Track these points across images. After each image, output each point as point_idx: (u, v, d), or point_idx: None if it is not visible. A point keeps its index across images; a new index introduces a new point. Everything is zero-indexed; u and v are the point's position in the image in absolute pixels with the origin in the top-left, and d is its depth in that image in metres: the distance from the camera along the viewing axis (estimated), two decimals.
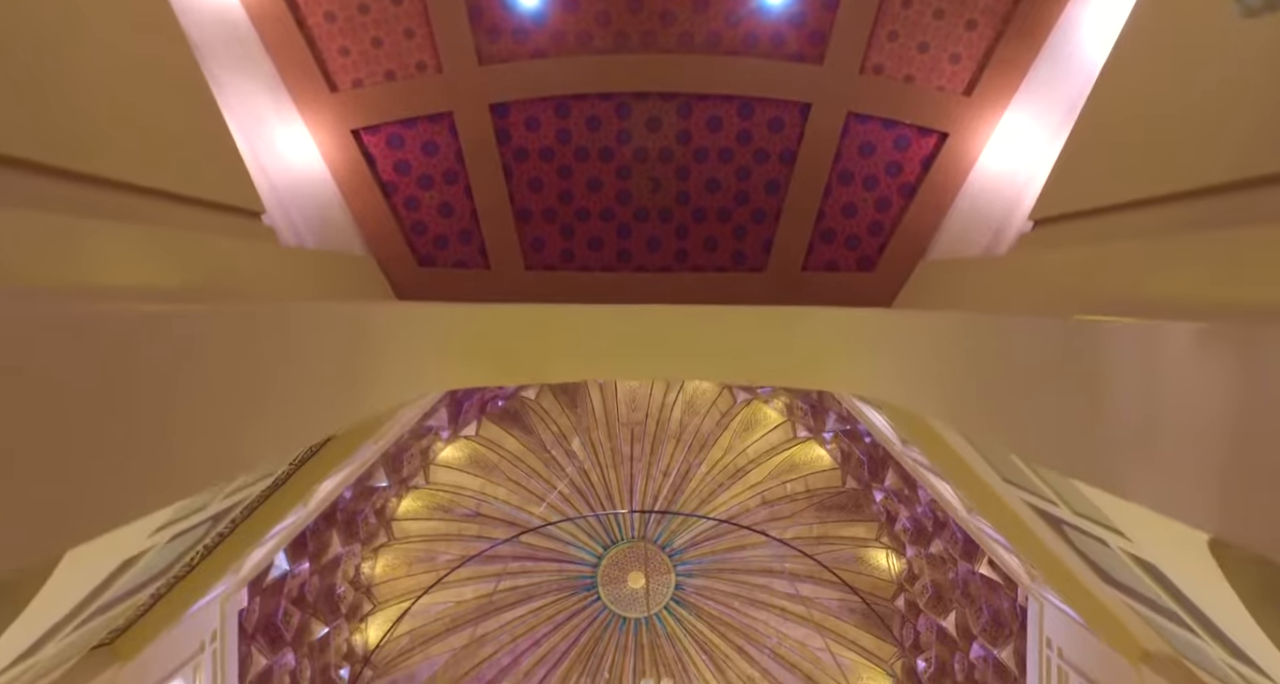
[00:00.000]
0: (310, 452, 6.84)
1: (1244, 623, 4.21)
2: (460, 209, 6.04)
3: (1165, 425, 1.95)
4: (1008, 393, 2.85)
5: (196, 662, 8.34)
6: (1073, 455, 2.30)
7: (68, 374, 1.68)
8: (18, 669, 4.78)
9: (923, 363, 3.78)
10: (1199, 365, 1.86)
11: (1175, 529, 3.78)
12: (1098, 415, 2.22)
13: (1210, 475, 1.76)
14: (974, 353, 3.18)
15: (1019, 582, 9.19)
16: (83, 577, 4.12)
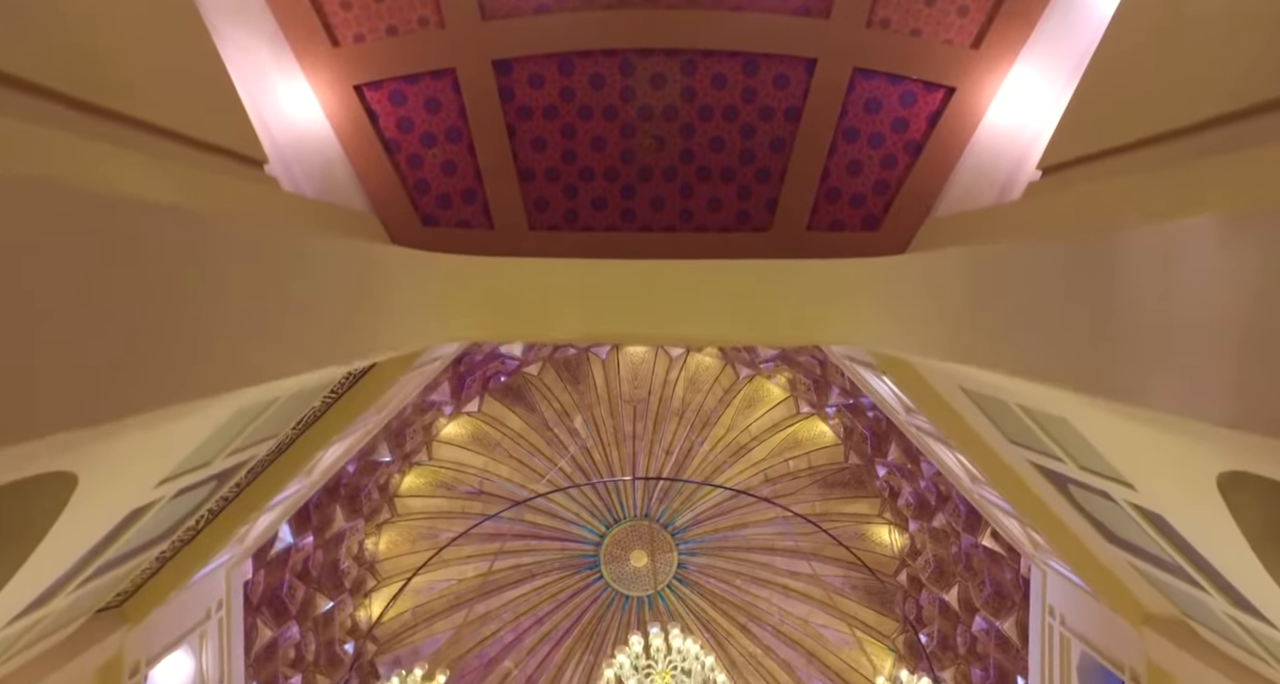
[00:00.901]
0: (314, 415, 6.84)
1: (1248, 566, 4.21)
2: (463, 167, 6.00)
3: (1181, 325, 1.93)
4: (1017, 320, 2.83)
5: (203, 629, 8.38)
6: (1086, 371, 2.28)
7: (79, 257, 1.67)
8: (28, 620, 4.79)
9: (929, 304, 3.77)
10: (1215, 259, 1.84)
11: (1182, 470, 3.78)
12: (1110, 327, 2.21)
13: (1230, 367, 1.74)
14: (980, 285, 3.16)
15: (1022, 551, 9.20)
16: (91, 523, 4.12)
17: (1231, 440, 2.61)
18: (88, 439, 2.81)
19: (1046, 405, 4.66)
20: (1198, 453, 3.37)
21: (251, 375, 2.21)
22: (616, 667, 4.63)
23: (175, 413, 2.60)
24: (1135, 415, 3.19)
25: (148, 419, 2.18)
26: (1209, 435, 2.92)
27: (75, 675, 6.29)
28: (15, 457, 2.09)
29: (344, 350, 2.99)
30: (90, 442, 3.10)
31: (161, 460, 4.19)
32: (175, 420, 3.13)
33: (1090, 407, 3.39)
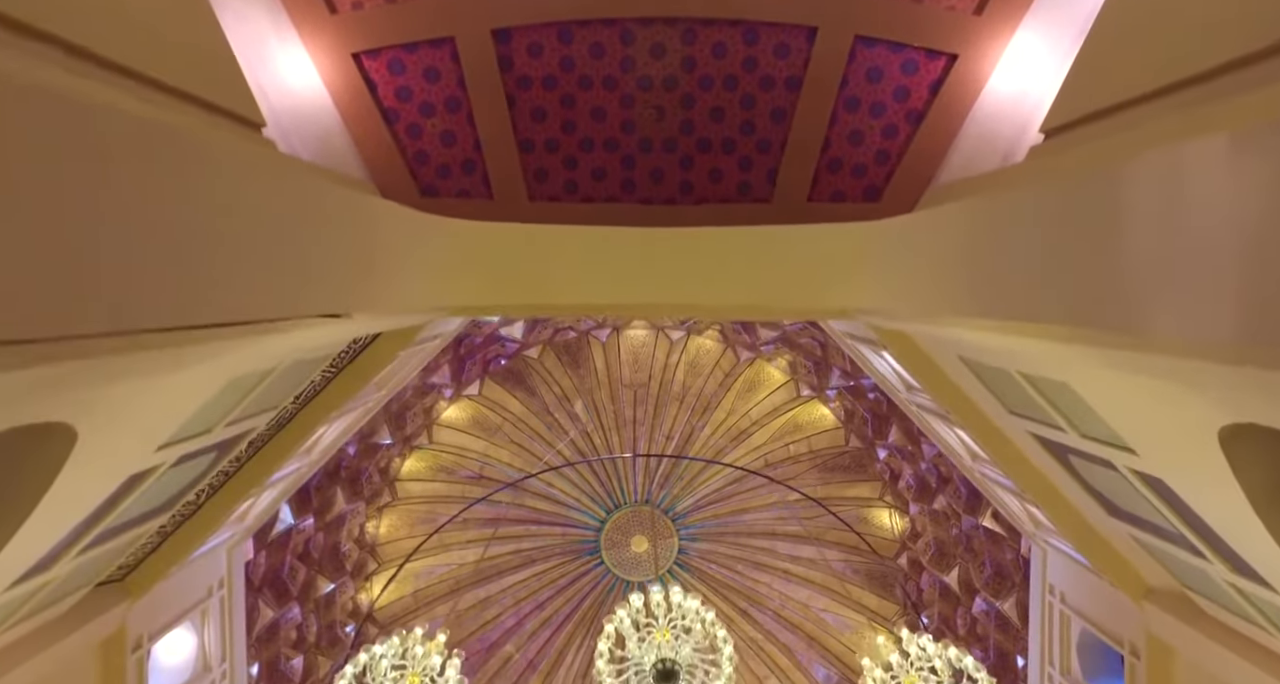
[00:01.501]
0: (313, 390, 6.83)
1: (1249, 527, 4.20)
2: (463, 138, 5.97)
3: (1184, 250, 1.91)
4: (1019, 267, 2.82)
5: (204, 607, 8.40)
6: (1093, 307, 2.27)
7: (68, 165, 1.65)
8: (31, 585, 4.80)
9: (931, 261, 3.75)
10: (1218, 177, 1.82)
11: (1183, 427, 3.76)
12: (1112, 262, 2.19)
13: (1234, 285, 1.72)
14: (980, 236, 3.15)
15: (1022, 530, 9.21)
16: (91, 485, 4.11)
17: (1233, 380, 2.60)
18: (83, 382, 2.80)
19: (1047, 370, 4.65)
20: (1200, 407, 3.36)
21: (242, 310, 2.19)
22: (617, 621, 4.63)
23: (164, 354, 2.58)
24: (1139, 365, 3.18)
25: (131, 355, 2.16)
26: (1212, 381, 2.91)
27: (78, 648, 6.31)
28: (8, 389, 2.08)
29: (338, 298, 2.97)
30: (87, 389, 3.09)
31: (160, 423, 4.18)
32: (169, 371, 3.12)
33: (1093, 361, 3.38)
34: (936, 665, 4.46)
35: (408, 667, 4.70)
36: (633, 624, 4.47)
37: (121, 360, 2.45)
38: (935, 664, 4.48)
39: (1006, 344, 4.19)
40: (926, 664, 4.56)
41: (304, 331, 3.68)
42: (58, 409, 3.05)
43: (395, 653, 4.76)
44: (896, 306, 4.00)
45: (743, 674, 15.86)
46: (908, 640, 4.68)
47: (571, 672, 16.31)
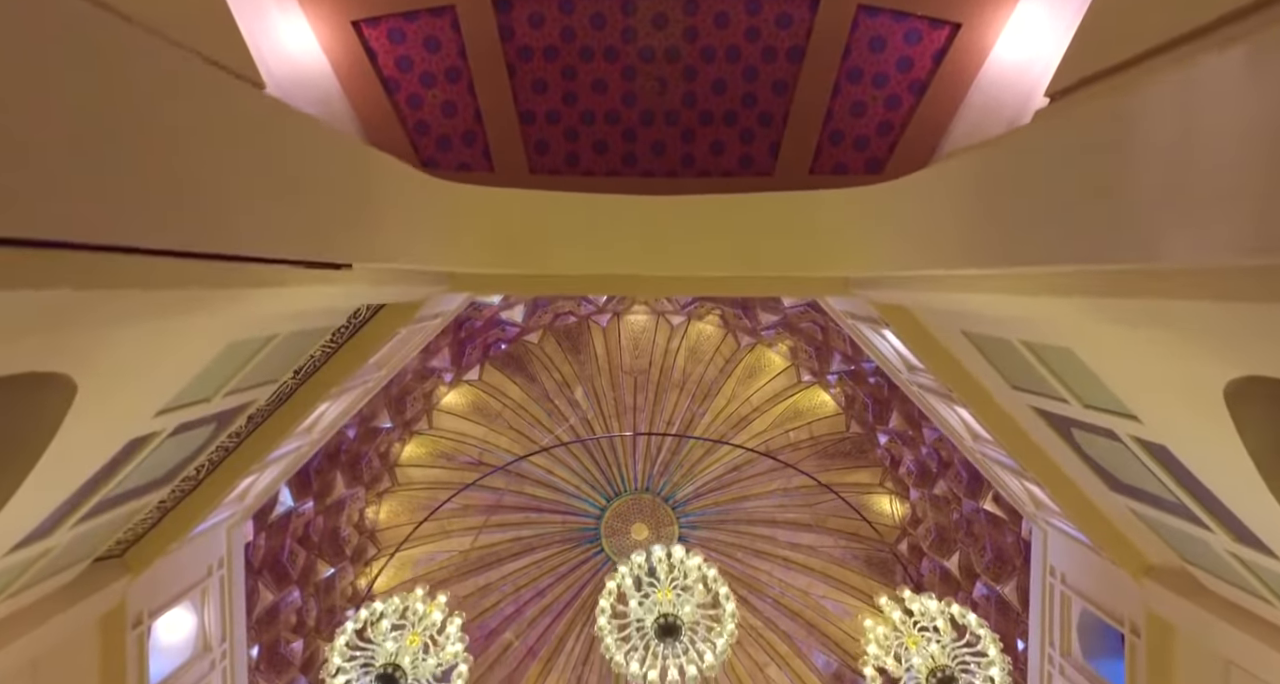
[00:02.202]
0: (313, 365, 6.82)
1: (1252, 489, 4.18)
2: (463, 109, 5.95)
3: (1197, 168, 1.89)
4: (1026, 209, 2.80)
5: (204, 586, 8.39)
6: (1102, 241, 2.25)
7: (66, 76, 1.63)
8: (31, 552, 4.78)
9: (934, 218, 3.73)
10: (1234, 90, 1.80)
11: (1188, 385, 3.75)
12: (1124, 189, 2.17)
13: (1250, 193, 1.70)
14: (983, 186, 3.13)
15: (1023, 512, 9.20)
16: (91, 445, 4.10)
17: (1242, 318, 2.58)
18: (83, 321, 2.78)
19: (1050, 335, 4.63)
20: (1206, 361, 3.34)
21: (242, 241, 2.17)
22: (619, 578, 4.62)
23: (165, 296, 2.56)
24: (1143, 315, 3.16)
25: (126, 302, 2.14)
26: (1220, 325, 2.89)
27: (78, 621, 6.30)
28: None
29: (340, 244, 2.95)
30: (86, 334, 3.07)
31: (160, 384, 4.16)
32: (169, 318, 3.10)
33: (1096, 315, 3.36)
34: (939, 625, 4.45)
35: (408, 626, 4.68)
36: (634, 583, 4.47)
37: (120, 297, 2.43)
38: (938, 623, 4.47)
39: (1009, 307, 4.17)
40: (930, 622, 4.55)
41: (305, 288, 3.66)
42: (57, 357, 3.03)
43: (396, 611, 4.76)
44: (901, 266, 3.97)
45: (742, 661, 15.89)
46: (909, 599, 4.67)
47: (571, 659, 16.32)
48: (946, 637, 4.46)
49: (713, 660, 4.58)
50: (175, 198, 1.97)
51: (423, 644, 4.62)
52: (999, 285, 3.92)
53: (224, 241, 2.12)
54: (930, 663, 4.39)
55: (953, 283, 4.50)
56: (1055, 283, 3.44)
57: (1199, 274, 2.53)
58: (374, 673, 4.56)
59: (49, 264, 1.98)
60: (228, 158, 2.26)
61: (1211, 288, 2.47)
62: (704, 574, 4.54)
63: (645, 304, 12.75)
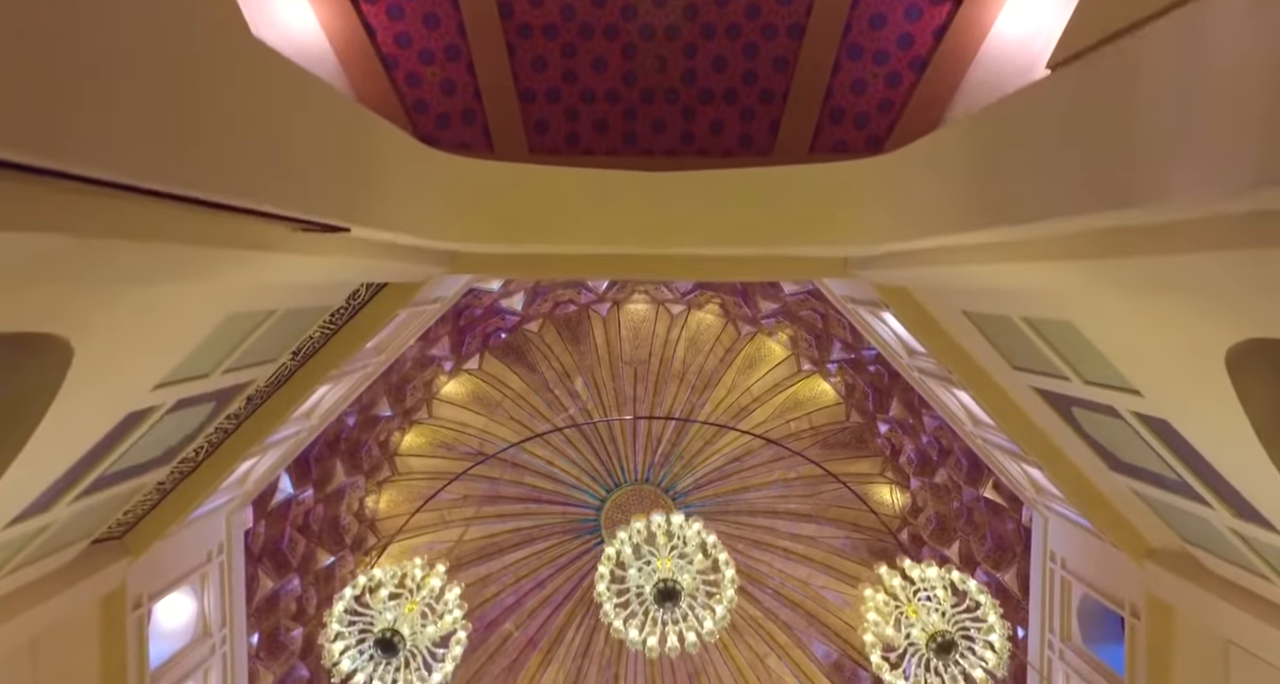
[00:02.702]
0: (313, 347, 6.80)
1: (1254, 461, 4.18)
2: (463, 87, 5.93)
3: (1202, 106, 1.88)
4: (1028, 165, 2.78)
5: (204, 571, 8.39)
6: (1108, 187, 2.24)
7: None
8: (30, 526, 4.77)
9: (935, 184, 3.72)
10: (1237, 27, 1.79)
11: (1190, 353, 3.73)
12: (1130, 132, 2.16)
13: (1253, 124, 1.69)
14: (984, 145, 3.11)
15: (1023, 497, 9.19)
16: (90, 414, 4.08)
17: (1246, 268, 2.56)
18: (80, 285, 2.77)
19: (1050, 308, 4.61)
20: (1207, 325, 3.32)
21: (237, 188, 2.15)
22: (618, 544, 4.62)
23: (164, 251, 2.55)
24: (1145, 277, 3.14)
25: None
26: (1224, 278, 2.87)
27: (78, 601, 6.30)
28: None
29: (335, 204, 2.93)
30: (82, 299, 3.06)
31: (159, 354, 4.15)
32: (165, 279, 3.09)
33: (1098, 279, 3.34)
34: (939, 594, 4.45)
35: (405, 595, 4.67)
36: (633, 551, 4.46)
37: (118, 252, 2.42)
38: (938, 593, 4.47)
39: (1010, 277, 4.15)
40: (930, 589, 4.55)
41: (304, 255, 3.65)
42: (55, 319, 3.02)
43: (394, 578, 4.76)
44: (902, 236, 3.95)
45: (742, 652, 15.90)
46: (909, 568, 4.67)
47: (571, 650, 16.32)
48: (946, 604, 4.46)
49: (712, 627, 4.57)
50: (176, 137, 1.95)
51: (421, 612, 4.61)
52: (999, 254, 3.90)
53: (223, 187, 2.10)
54: (930, 629, 4.38)
55: (953, 255, 4.49)
56: (1055, 247, 3.43)
57: (1199, 226, 2.52)
58: (373, 638, 4.55)
59: (45, 207, 1.97)
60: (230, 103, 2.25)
61: (1212, 238, 2.46)
62: (703, 540, 4.54)
63: (645, 293, 12.74)
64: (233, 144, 2.19)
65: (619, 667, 16.38)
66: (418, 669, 4.60)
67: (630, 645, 4.68)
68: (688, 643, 4.56)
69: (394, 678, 4.55)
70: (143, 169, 1.79)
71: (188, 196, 2.07)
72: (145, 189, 1.87)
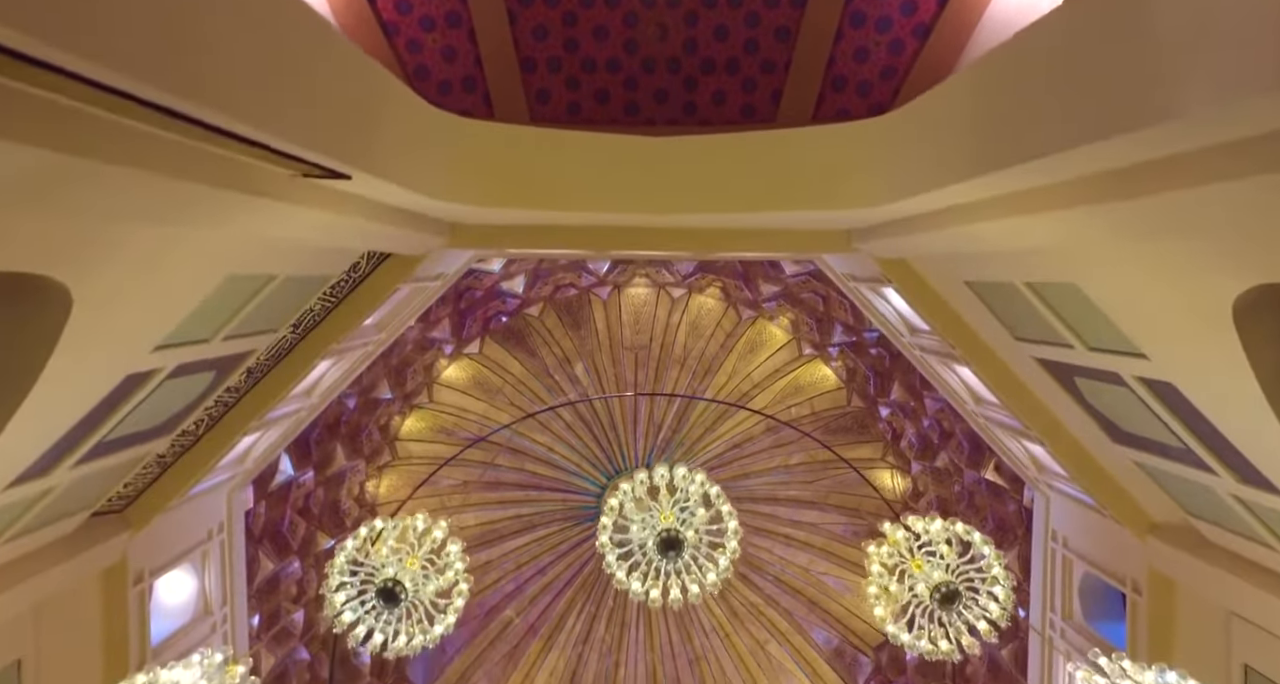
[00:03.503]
0: (313, 320, 6.78)
1: (1259, 419, 4.16)
2: (464, 54, 5.90)
3: (1218, 13, 1.85)
4: (1035, 100, 2.76)
5: (205, 549, 8.39)
6: (1120, 108, 2.21)
7: None
8: (32, 489, 4.75)
9: (938, 135, 3.69)
10: None
11: (1196, 308, 3.71)
12: (1141, 50, 2.13)
13: (1268, 27, 1.67)
14: (991, 87, 3.09)
15: (1025, 477, 9.18)
16: (90, 371, 4.07)
17: (1252, 207, 2.54)
18: (77, 220, 2.75)
19: (1054, 269, 4.58)
20: (1214, 272, 3.30)
21: (236, 108, 2.13)
22: (620, 494, 4.61)
23: (162, 186, 2.53)
24: (1151, 219, 3.12)
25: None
26: (1228, 223, 2.85)
27: (80, 573, 6.30)
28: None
29: (337, 145, 2.91)
30: (80, 241, 3.04)
31: (158, 313, 4.13)
32: (164, 220, 3.06)
33: (1101, 225, 3.32)
34: (942, 551, 4.44)
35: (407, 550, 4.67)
36: (635, 505, 4.46)
37: (115, 182, 2.39)
38: (941, 549, 4.46)
39: (1013, 234, 4.13)
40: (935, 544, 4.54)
41: (304, 207, 3.63)
42: (53, 262, 3.00)
43: (396, 530, 4.75)
44: (907, 191, 3.92)
45: (743, 638, 15.91)
46: (913, 522, 4.66)
47: (572, 637, 16.33)
48: (951, 558, 4.45)
49: (715, 579, 4.57)
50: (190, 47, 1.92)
51: (422, 567, 4.61)
52: (1002, 209, 3.88)
53: (221, 104, 2.08)
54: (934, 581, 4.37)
55: (955, 216, 4.46)
56: (1058, 195, 3.40)
57: (1206, 157, 2.50)
58: (375, 588, 4.54)
59: (41, 117, 1.95)
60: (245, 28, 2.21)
61: (1218, 169, 2.44)
62: (706, 491, 4.53)
63: (646, 276, 12.72)
64: (243, 65, 2.17)
65: (619, 654, 16.40)
66: (419, 620, 4.61)
67: (633, 597, 4.68)
68: (690, 595, 4.56)
69: (396, 628, 4.55)
70: (152, 73, 1.76)
71: (192, 117, 2.05)
72: (152, 103, 1.85)
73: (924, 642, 4.57)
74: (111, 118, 2.04)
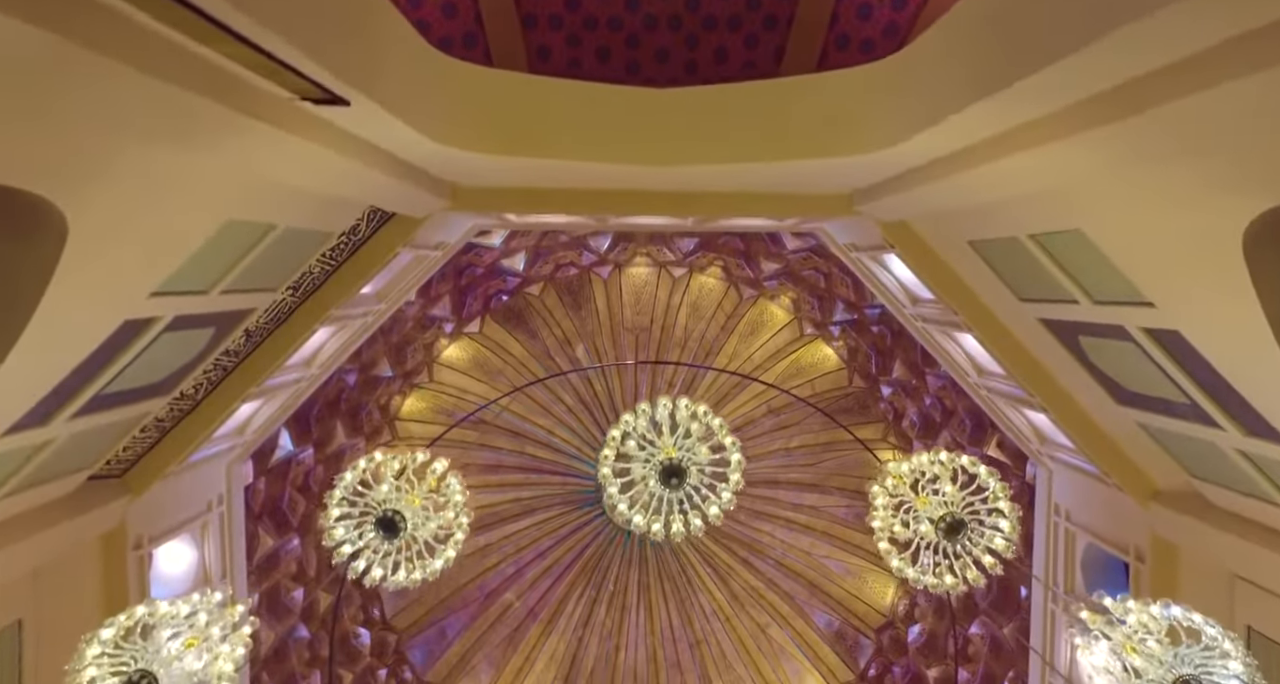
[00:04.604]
0: (312, 283, 6.75)
1: (1265, 364, 4.13)
2: (464, 10, 5.87)
3: None
4: (1030, 16, 2.73)
5: (204, 520, 8.36)
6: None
7: None
8: (31, 439, 4.72)
9: (935, 69, 3.66)
10: None
11: (1205, 243, 3.67)
12: None
13: None
14: (982, 17, 3.06)
15: (1028, 450, 9.15)
16: (89, 320, 4.04)
17: (1264, 110, 2.50)
18: (70, 127, 2.71)
19: (1059, 215, 4.54)
20: (1224, 198, 3.26)
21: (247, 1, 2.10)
22: (623, 424, 4.59)
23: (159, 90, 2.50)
24: (1158, 137, 3.08)
25: None
26: (1238, 133, 2.82)
27: (79, 535, 6.28)
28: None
29: (341, 62, 2.87)
30: (76, 161, 3.01)
31: (155, 254, 4.10)
32: (160, 138, 3.03)
33: (1104, 148, 3.27)
34: (947, 491, 4.41)
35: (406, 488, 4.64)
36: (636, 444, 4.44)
37: (108, 79, 2.36)
38: (945, 489, 4.43)
39: (1016, 175, 4.09)
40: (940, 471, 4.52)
41: (303, 138, 3.60)
42: (49, 181, 2.96)
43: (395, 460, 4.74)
44: (911, 127, 3.89)
45: (744, 623, 15.90)
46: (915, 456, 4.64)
47: (572, 621, 16.32)
48: (955, 494, 4.43)
49: (718, 511, 4.55)
50: None
51: (423, 506, 4.59)
52: (1002, 148, 3.84)
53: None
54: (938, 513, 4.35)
55: (955, 162, 4.43)
56: (1057, 124, 3.36)
57: (1214, 57, 2.46)
58: (374, 517, 4.52)
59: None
60: None
61: (1227, 67, 2.40)
62: (707, 423, 4.51)
63: (647, 255, 12.68)
64: None
65: (620, 637, 16.39)
66: (419, 552, 4.58)
67: (634, 529, 4.66)
68: (693, 527, 4.54)
69: (396, 560, 4.54)
70: None
71: (191, 2, 2.01)
72: None
73: (929, 576, 4.55)
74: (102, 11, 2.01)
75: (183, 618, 3.88)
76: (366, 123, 3.78)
